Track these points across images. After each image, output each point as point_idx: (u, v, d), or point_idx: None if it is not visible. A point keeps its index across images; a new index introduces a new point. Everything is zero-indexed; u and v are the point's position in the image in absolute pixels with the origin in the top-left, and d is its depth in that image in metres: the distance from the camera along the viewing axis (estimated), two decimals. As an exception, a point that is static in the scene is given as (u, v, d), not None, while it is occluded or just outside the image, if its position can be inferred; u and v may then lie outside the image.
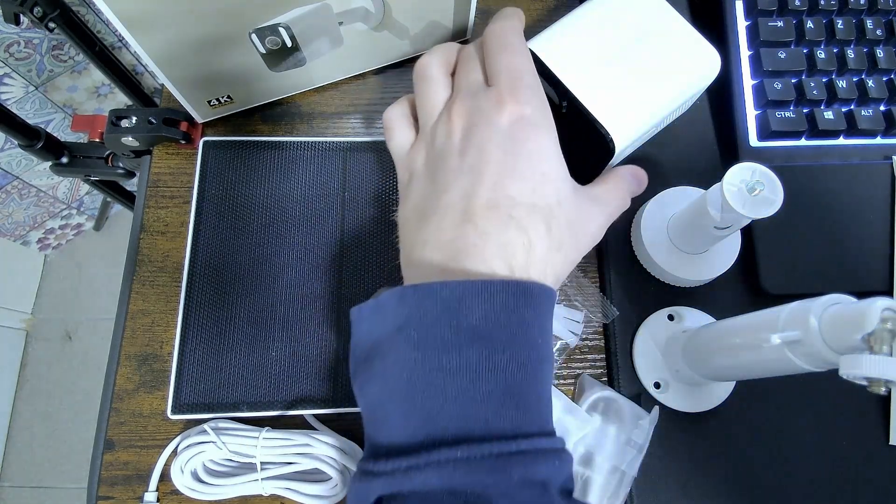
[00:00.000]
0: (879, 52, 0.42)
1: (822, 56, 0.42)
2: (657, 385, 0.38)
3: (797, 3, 0.42)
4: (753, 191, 0.31)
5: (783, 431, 0.38)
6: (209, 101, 0.41)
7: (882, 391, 0.22)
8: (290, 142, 0.42)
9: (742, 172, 0.32)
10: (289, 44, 0.38)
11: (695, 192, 0.40)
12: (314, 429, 0.37)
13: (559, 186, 0.26)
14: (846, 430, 0.38)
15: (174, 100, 0.40)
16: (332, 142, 0.42)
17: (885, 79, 0.42)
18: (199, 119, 0.42)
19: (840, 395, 0.38)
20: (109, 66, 0.78)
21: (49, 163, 0.69)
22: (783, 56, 0.42)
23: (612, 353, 0.39)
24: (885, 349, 0.21)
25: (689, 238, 0.38)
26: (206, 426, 0.35)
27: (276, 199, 0.41)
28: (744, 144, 0.42)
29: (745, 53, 0.43)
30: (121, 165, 0.59)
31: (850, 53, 0.42)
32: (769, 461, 0.37)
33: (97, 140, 0.45)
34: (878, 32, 0.42)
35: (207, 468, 0.35)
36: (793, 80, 0.42)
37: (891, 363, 0.21)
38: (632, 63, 0.29)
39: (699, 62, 0.29)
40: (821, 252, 0.40)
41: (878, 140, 0.42)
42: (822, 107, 0.42)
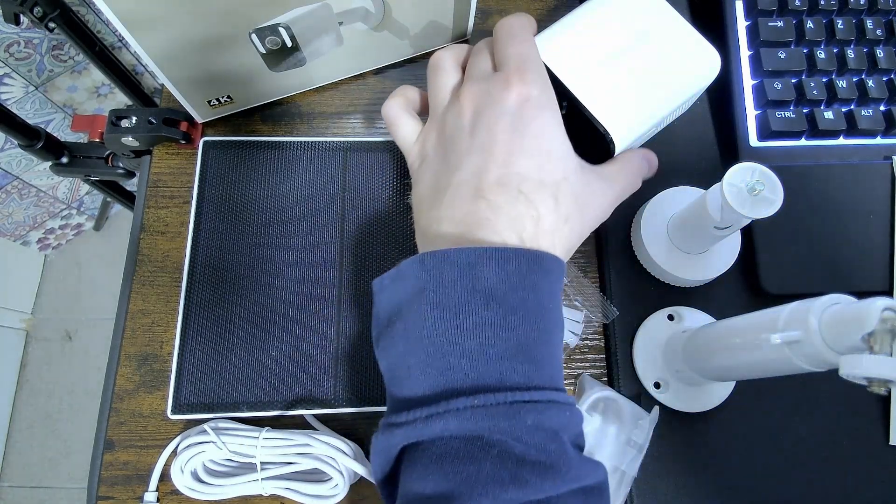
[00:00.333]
0: (879, 52, 0.42)
1: (822, 56, 0.42)
2: (657, 385, 0.38)
3: (797, 3, 0.42)
4: (753, 191, 0.31)
5: (783, 431, 0.38)
6: (209, 101, 0.41)
7: (882, 391, 0.22)
8: (290, 142, 0.42)
9: (742, 172, 0.32)
10: (289, 44, 0.38)
11: (695, 192, 0.40)
12: (314, 429, 0.37)
13: (565, 163, 0.27)
14: (846, 430, 0.38)
15: (174, 100, 0.40)
16: (332, 142, 0.42)
17: (885, 79, 0.42)
18: (199, 119, 0.42)
19: (840, 395, 0.38)
20: (109, 66, 0.78)
21: (49, 163, 0.69)
22: (783, 56, 0.42)
23: (612, 353, 0.39)
24: (886, 349, 0.21)
25: (689, 238, 0.38)
26: (206, 426, 0.35)
27: (276, 199, 0.41)
28: (744, 144, 0.42)
29: (745, 53, 0.43)
30: (121, 165, 0.59)
31: (850, 53, 0.42)
32: (769, 461, 0.37)
33: (97, 140, 0.45)
34: (878, 32, 0.42)
35: (207, 468, 0.35)
36: (793, 80, 0.42)
37: (891, 363, 0.21)
38: (632, 63, 0.29)
39: (699, 62, 0.29)
40: (821, 252, 0.40)
41: (878, 140, 0.42)
42: (822, 107, 0.42)
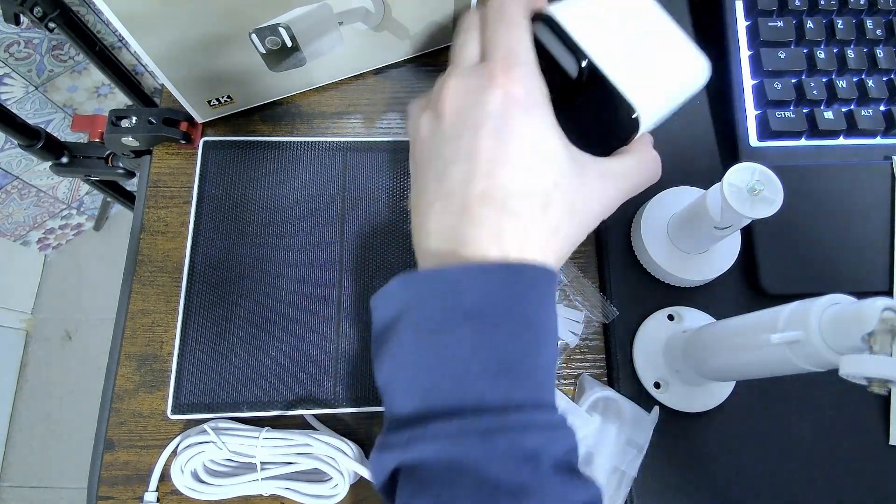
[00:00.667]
0: (879, 52, 0.42)
1: (822, 56, 0.42)
2: (657, 385, 0.38)
3: (797, 3, 0.42)
4: (753, 191, 0.31)
5: (783, 431, 0.38)
6: (209, 101, 0.41)
7: (882, 391, 0.22)
8: (290, 142, 0.42)
9: (742, 172, 0.32)
10: (289, 44, 0.38)
11: (695, 192, 0.40)
12: (314, 429, 0.37)
13: (555, 169, 0.25)
14: (846, 430, 0.38)
15: (174, 100, 0.40)
16: (332, 142, 0.42)
17: (885, 79, 0.42)
18: (199, 119, 0.42)
19: (840, 395, 0.38)
20: (109, 66, 0.78)
21: (49, 163, 0.69)
22: (783, 56, 0.42)
23: (612, 353, 0.39)
24: (886, 349, 0.21)
25: (689, 238, 0.38)
26: (206, 426, 0.35)
27: (276, 199, 0.41)
28: (744, 144, 0.42)
29: (745, 53, 0.43)
30: (121, 165, 0.59)
31: (850, 53, 0.42)
32: (769, 461, 0.37)
33: (97, 140, 0.45)
34: (878, 32, 0.42)
35: (207, 468, 0.35)
36: (793, 80, 0.42)
37: (891, 363, 0.21)
38: (645, 46, 0.27)
39: (693, 65, 0.28)
40: (821, 252, 0.40)
41: (878, 140, 0.42)
42: (822, 107, 0.42)
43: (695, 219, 0.36)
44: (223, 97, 0.41)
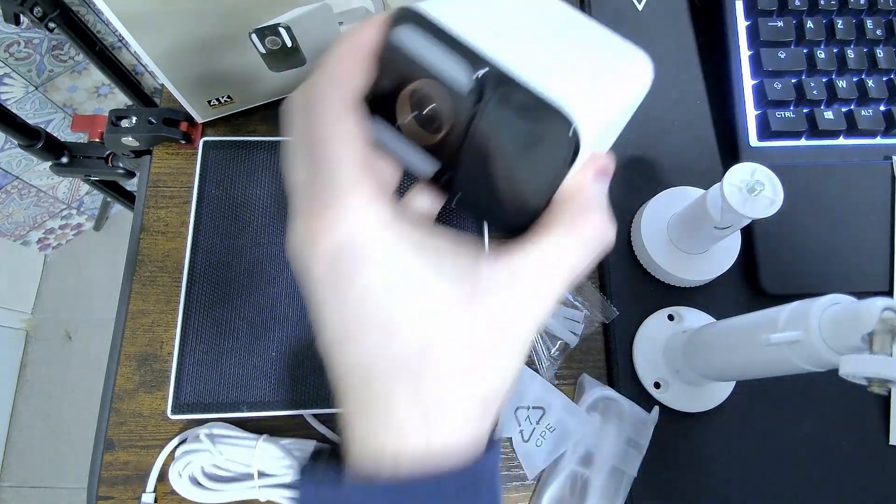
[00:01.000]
0: (879, 52, 0.42)
1: (822, 56, 0.42)
2: (657, 385, 0.38)
3: (797, 3, 0.42)
4: (753, 191, 0.31)
5: (783, 431, 0.38)
6: (209, 101, 0.41)
7: (882, 391, 0.22)
8: (290, 142, 0.42)
9: (742, 172, 0.32)
10: (289, 44, 0.38)
11: (695, 192, 0.40)
12: (314, 429, 0.37)
13: (419, 327, 0.18)
14: (846, 430, 0.38)
15: (174, 100, 0.40)
16: (332, 142, 0.42)
17: (885, 79, 0.42)
18: (199, 119, 0.42)
19: (840, 396, 0.38)
20: (109, 66, 0.78)
21: (49, 163, 0.69)
22: (783, 56, 0.42)
23: (612, 353, 0.39)
24: (885, 349, 0.21)
25: (689, 238, 0.38)
26: (201, 433, 0.35)
27: (276, 199, 0.41)
28: (744, 144, 0.42)
29: (746, 53, 0.43)
30: (121, 165, 0.59)
31: (850, 53, 0.42)
32: (769, 461, 0.37)
33: (97, 140, 0.45)
34: (878, 32, 0.42)
35: (206, 472, 0.35)
36: (793, 80, 0.42)
37: (891, 363, 0.21)
38: (564, 44, 0.20)
39: (632, 63, 0.21)
40: (821, 252, 0.40)
41: (878, 140, 0.42)
42: (822, 107, 0.42)
43: (695, 219, 0.36)
44: (223, 97, 0.41)
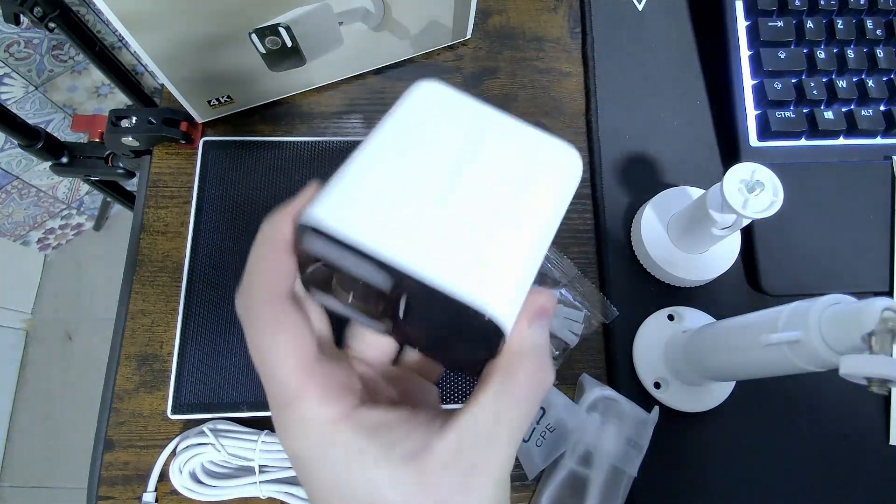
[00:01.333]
0: (879, 53, 0.42)
1: (822, 56, 0.42)
2: (657, 385, 0.38)
3: (797, 4, 0.42)
4: (753, 191, 0.31)
5: (783, 431, 0.38)
6: (209, 101, 0.41)
7: (882, 391, 0.22)
8: (290, 142, 0.42)
9: (742, 172, 0.32)
10: (289, 44, 0.38)
11: (695, 192, 0.40)
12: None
13: None
14: (846, 430, 0.38)
15: (174, 100, 0.40)
16: (332, 141, 0.42)
17: (885, 79, 0.42)
18: (199, 119, 0.42)
19: (840, 395, 0.38)
20: (109, 67, 0.78)
21: (49, 163, 0.69)
22: (783, 56, 0.42)
23: (612, 353, 0.39)
24: (885, 349, 0.21)
25: (689, 238, 0.38)
26: (205, 428, 0.35)
27: (276, 199, 0.40)
28: (744, 144, 0.42)
29: (746, 53, 0.43)
30: (121, 165, 0.59)
31: (850, 53, 0.42)
32: (769, 461, 0.37)
33: (97, 140, 0.45)
34: (878, 32, 0.42)
35: (206, 469, 0.35)
36: (793, 80, 0.42)
37: (891, 363, 0.21)
38: (476, 193, 0.18)
39: (558, 166, 0.20)
40: (821, 252, 0.40)
41: (878, 140, 0.42)
42: (822, 107, 0.42)
43: (695, 219, 0.36)
44: (223, 97, 0.41)
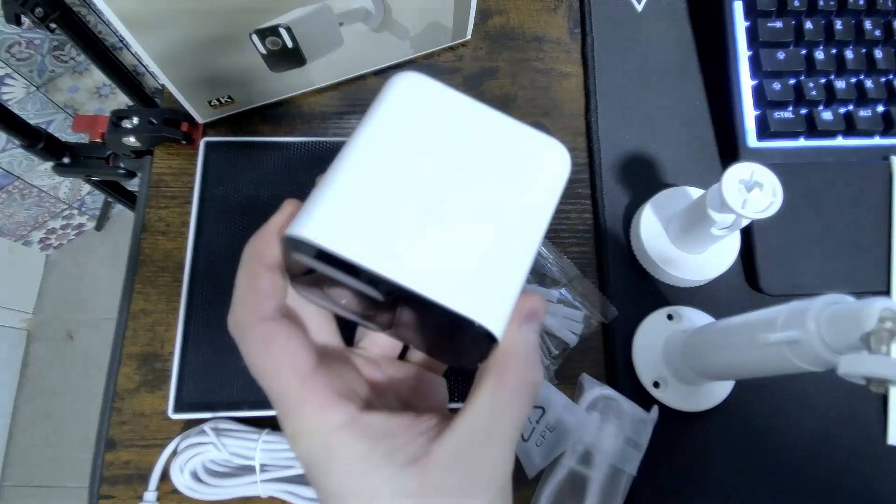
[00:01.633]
0: (878, 53, 0.42)
1: (821, 57, 0.42)
2: (656, 384, 0.38)
3: (796, 4, 0.42)
4: (752, 191, 0.31)
5: (782, 431, 0.38)
6: (210, 102, 0.41)
7: (880, 390, 0.22)
8: (291, 142, 0.42)
9: (741, 172, 0.32)
10: (289, 44, 0.38)
11: (694, 192, 0.40)
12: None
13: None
14: (844, 430, 0.38)
15: (175, 100, 0.40)
16: (333, 142, 0.42)
17: (884, 79, 0.42)
18: (200, 119, 0.43)
19: (839, 395, 0.38)
20: (111, 67, 0.78)
21: (50, 163, 0.69)
22: (782, 57, 0.42)
23: (612, 353, 0.39)
24: (884, 348, 0.22)
25: (689, 238, 0.38)
26: (206, 427, 0.35)
27: (277, 200, 0.40)
28: (743, 144, 0.42)
29: (745, 54, 0.43)
30: (122, 166, 0.59)
31: (849, 54, 0.42)
32: (768, 460, 0.37)
33: (98, 140, 0.45)
34: (877, 33, 0.42)
35: (207, 468, 0.35)
36: (792, 81, 0.42)
37: (889, 362, 0.21)
38: (465, 197, 0.19)
39: (546, 162, 0.20)
40: (819, 252, 0.40)
41: (877, 140, 0.42)
42: (821, 107, 0.42)
43: (694, 219, 0.36)
44: (224, 98, 0.41)
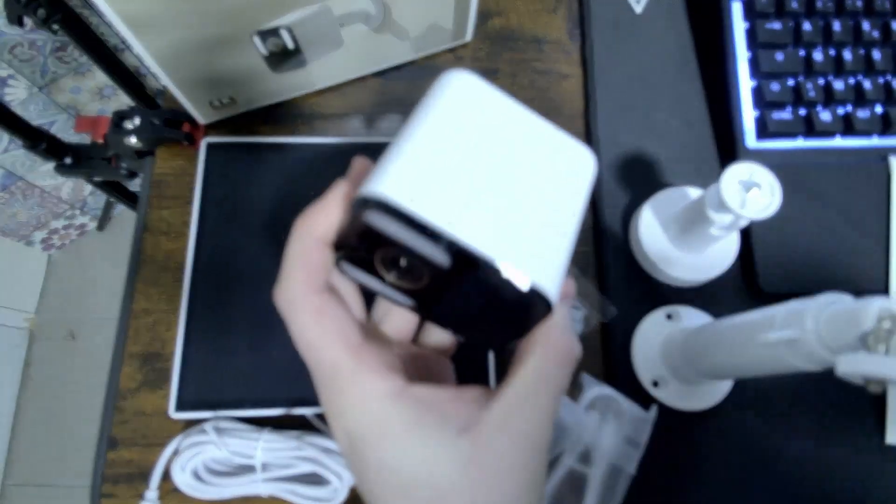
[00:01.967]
0: (876, 54, 0.42)
1: (820, 58, 0.42)
2: (655, 383, 0.38)
3: (794, 6, 0.42)
4: (751, 191, 0.32)
5: (781, 430, 0.38)
6: (211, 103, 0.41)
7: (879, 390, 0.22)
8: (292, 143, 0.42)
9: (740, 172, 0.32)
10: (290, 46, 0.38)
11: (693, 193, 0.41)
12: (316, 429, 0.37)
13: (433, 483, 0.19)
14: (843, 430, 0.38)
15: (176, 101, 0.40)
16: (334, 143, 0.42)
17: (882, 80, 0.42)
18: (202, 120, 0.43)
19: (837, 395, 0.39)
20: (113, 68, 0.79)
21: (53, 164, 0.70)
22: (781, 58, 0.42)
23: (611, 352, 0.39)
24: (882, 348, 0.22)
25: (688, 238, 0.38)
26: (207, 426, 0.35)
27: (278, 200, 0.41)
28: (742, 145, 0.42)
29: (744, 55, 0.43)
30: (124, 166, 0.59)
31: (847, 55, 0.42)
32: (767, 459, 0.38)
33: (100, 141, 0.46)
34: (875, 34, 0.42)
35: (208, 467, 0.35)
36: (790, 82, 0.42)
37: (887, 362, 0.21)
38: (521, 185, 0.20)
39: (577, 166, 0.22)
40: (818, 252, 0.40)
41: (875, 140, 0.43)
42: (820, 108, 0.42)
43: (693, 219, 0.36)
44: (225, 99, 0.41)
